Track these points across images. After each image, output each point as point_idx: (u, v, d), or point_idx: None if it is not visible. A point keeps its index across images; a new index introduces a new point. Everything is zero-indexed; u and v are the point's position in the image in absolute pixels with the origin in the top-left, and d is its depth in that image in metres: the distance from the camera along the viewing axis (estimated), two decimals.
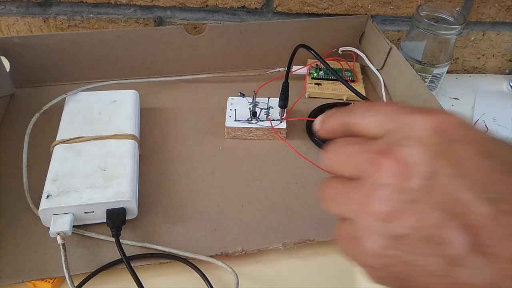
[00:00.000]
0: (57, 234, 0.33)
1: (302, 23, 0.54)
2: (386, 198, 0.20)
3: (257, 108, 0.45)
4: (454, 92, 0.59)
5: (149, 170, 0.41)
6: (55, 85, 0.50)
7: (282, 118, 0.46)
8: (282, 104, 0.45)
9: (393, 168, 0.20)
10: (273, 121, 0.45)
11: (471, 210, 0.18)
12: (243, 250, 0.36)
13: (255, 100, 0.45)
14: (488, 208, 0.18)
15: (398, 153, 0.20)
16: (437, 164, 0.19)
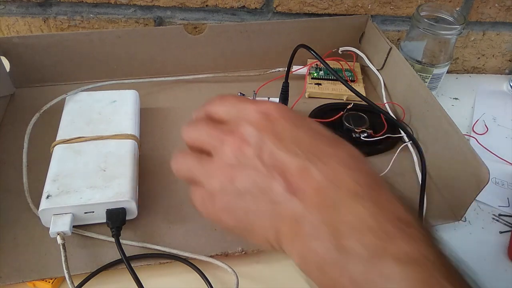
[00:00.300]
0: (57, 234, 0.33)
1: (302, 23, 0.54)
2: (229, 165, 0.27)
3: None
4: (454, 92, 0.59)
5: (149, 170, 0.41)
6: (55, 85, 0.50)
7: None
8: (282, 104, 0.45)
9: (234, 143, 0.27)
10: None
11: (286, 164, 0.26)
12: (243, 250, 0.36)
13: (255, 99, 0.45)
14: (297, 161, 0.26)
15: (237, 132, 0.28)
16: (263, 136, 0.27)
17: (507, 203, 0.44)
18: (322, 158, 0.26)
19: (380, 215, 0.23)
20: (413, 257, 0.22)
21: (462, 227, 0.41)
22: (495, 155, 0.48)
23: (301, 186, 0.25)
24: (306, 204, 0.25)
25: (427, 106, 0.44)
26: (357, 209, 0.24)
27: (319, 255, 0.24)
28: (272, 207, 0.26)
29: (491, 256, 0.39)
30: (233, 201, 0.27)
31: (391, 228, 0.23)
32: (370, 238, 0.23)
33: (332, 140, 0.28)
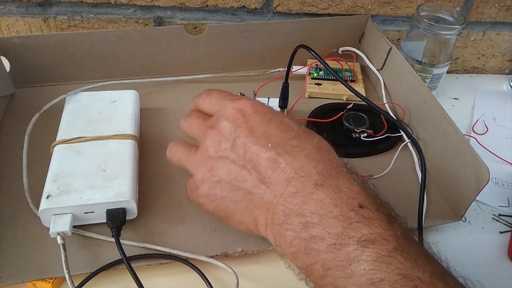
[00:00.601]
0: (57, 234, 0.33)
1: (302, 23, 0.54)
2: (209, 157, 0.31)
3: None
4: (454, 92, 0.59)
5: (149, 170, 0.41)
6: (55, 85, 0.50)
7: None
8: (282, 104, 0.45)
9: (214, 136, 0.31)
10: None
11: (257, 156, 0.29)
12: (243, 250, 0.36)
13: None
14: (267, 153, 0.28)
15: (216, 127, 0.31)
16: (237, 131, 0.30)
17: (507, 203, 0.44)
18: (290, 151, 0.29)
19: (341, 202, 0.26)
20: (371, 238, 0.24)
21: (462, 227, 0.41)
22: (495, 155, 0.48)
23: (272, 177, 0.28)
24: (276, 194, 0.28)
25: (427, 106, 0.44)
26: (320, 198, 0.26)
27: (293, 245, 0.27)
28: (247, 197, 0.29)
29: (491, 256, 0.39)
30: (212, 189, 0.31)
31: (352, 214, 0.26)
32: (334, 224, 0.25)
33: (301, 134, 0.30)
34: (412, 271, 0.23)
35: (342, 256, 0.24)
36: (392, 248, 0.24)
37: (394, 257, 0.24)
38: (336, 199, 0.26)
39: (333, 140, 0.46)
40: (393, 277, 0.23)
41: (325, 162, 0.28)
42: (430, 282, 0.23)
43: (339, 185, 0.27)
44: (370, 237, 0.25)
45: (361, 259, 0.24)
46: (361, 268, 0.24)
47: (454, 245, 0.40)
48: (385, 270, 0.23)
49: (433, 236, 0.40)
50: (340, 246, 0.25)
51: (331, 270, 0.25)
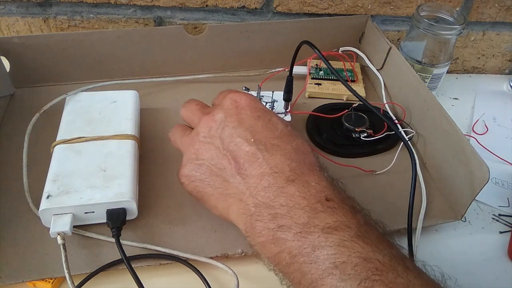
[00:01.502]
0: (57, 234, 0.33)
1: (302, 23, 0.54)
2: (198, 140, 0.33)
3: (262, 102, 0.45)
4: (454, 92, 0.59)
5: (149, 170, 0.41)
6: (55, 85, 0.50)
7: (287, 111, 0.46)
8: (286, 97, 0.45)
9: (207, 122, 0.33)
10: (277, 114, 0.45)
11: (239, 148, 0.31)
12: (243, 251, 0.36)
13: (260, 94, 0.45)
14: (248, 147, 0.30)
15: (211, 113, 0.33)
16: (227, 120, 0.32)
17: (507, 203, 0.44)
18: (270, 149, 0.31)
19: (309, 195, 0.28)
20: (334, 226, 0.26)
21: (462, 227, 0.41)
22: (495, 155, 0.48)
23: (248, 170, 0.30)
24: (250, 187, 0.30)
25: (427, 106, 0.44)
26: (290, 192, 0.28)
27: (262, 234, 0.28)
28: (223, 184, 0.31)
29: (491, 256, 0.39)
30: (193, 171, 0.33)
31: (318, 205, 0.27)
32: (301, 215, 0.27)
33: (284, 135, 0.32)
34: (373, 255, 0.25)
35: (307, 243, 0.26)
36: (354, 234, 0.26)
37: (356, 242, 0.26)
38: (305, 193, 0.28)
39: (333, 140, 0.46)
40: (354, 260, 0.25)
41: (299, 161, 0.30)
42: (390, 265, 0.25)
43: (309, 180, 0.29)
44: (334, 225, 0.26)
45: (324, 245, 0.26)
46: (324, 253, 0.25)
47: (454, 245, 0.40)
48: (347, 254, 0.25)
49: (433, 236, 0.40)
50: (306, 234, 0.26)
51: (297, 257, 0.26)
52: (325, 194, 0.28)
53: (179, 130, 0.37)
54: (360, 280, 0.24)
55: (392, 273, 0.25)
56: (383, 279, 0.24)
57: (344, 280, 0.24)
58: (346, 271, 0.25)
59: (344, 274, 0.24)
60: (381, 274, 0.24)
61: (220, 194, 0.32)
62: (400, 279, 0.24)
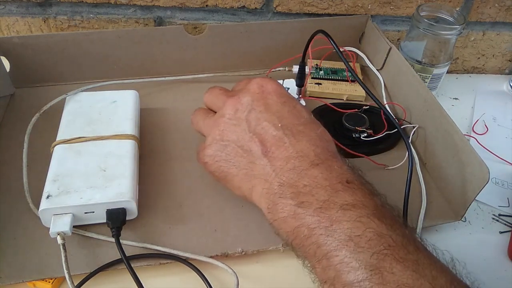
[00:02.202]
0: (57, 234, 0.33)
1: (302, 23, 0.54)
2: (223, 122, 0.34)
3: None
4: (454, 92, 0.59)
5: (149, 170, 0.41)
6: (55, 85, 0.50)
7: (300, 97, 0.47)
8: (299, 83, 0.47)
9: (232, 104, 0.34)
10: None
11: (266, 132, 0.32)
12: (243, 251, 0.36)
13: None
14: (275, 132, 0.32)
15: (237, 97, 0.34)
16: (254, 104, 0.33)
17: (507, 203, 0.44)
18: (296, 135, 0.32)
19: (331, 177, 0.30)
20: (353, 204, 0.28)
21: (462, 227, 0.41)
22: (495, 155, 0.48)
23: (275, 153, 0.31)
24: (276, 169, 0.31)
25: (427, 106, 0.44)
26: (314, 174, 0.30)
27: (284, 210, 0.30)
28: (249, 165, 0.32)
29: (491, 256, 0.39)
30: (219, 151, 0.34)
31: (339, 185, 0.29)
32: (322, 193, 0.29)
33: (308, 122, 0.34)
34: (387, 232, 0.26)
35: (326, 218, 0.28)
36: (370, 213, 0.27)
37: (372, 219, 0.27)
38: (327, 175, 0.30)
39: (333, 139, 0.46)
40: (369, 235, 0.26)
41: (323, 148, 0.32)
42: (401, 243, 0.26)
43: (331, 165, 0.31)
44: (352, 203, 0.28)
45: (342, 220, 0.27)
46: (341, 227, 0.27)
47: (454, 245, 0.40)
48: (362, 229, 0.26)
49: (433, 236, 0.40)
50: (325, 210, 0.28)
51: (315, 230, 0.28)
52: (346, 177, 0.30)
53: (201, 112, 0.38)
54: (372, 253, 0.25)
55: (403, 250, 0.26)
56: (394, 254, 0.25)
57: (357, 252, 0.26)
58: (360, 244, 0.26)
59: (358, 247, 0.26)
60: (393, 250, 0.25)
61: (245, 175, 0.33)
62: (410, 256, 0.26)
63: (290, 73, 0.52)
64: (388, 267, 0.25)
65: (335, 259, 0.26)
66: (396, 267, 0.25)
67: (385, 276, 0.25)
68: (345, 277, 0.25)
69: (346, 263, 0.26)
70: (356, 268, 0.25)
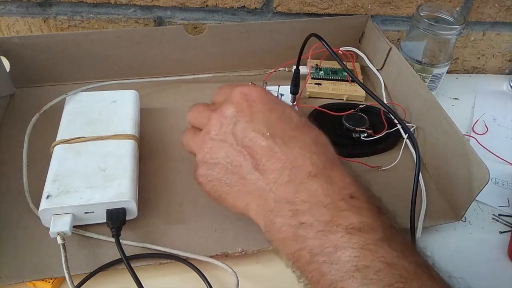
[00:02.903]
0: (57, 234, 0.33)
1: (302, 23, 0.54)
2: (210, 138, 0.31)
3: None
4: (454, 92, 0.59)
5: (149, 170, 0.41)
6: (55, 85, 0.50)
7: (294, 104, 0.46)
8: (293, 90, 0.46)
9: (216, 119, 0.31)
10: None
11: (255, 143, 0.29)
12: (243, 250, 0.36)
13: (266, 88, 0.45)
14: (265, 142, 0.29)
15: (220, 110, 0.31)
16: (239, 115, 0.30)
17: (507, 203, 0.44)
18: (287, 142, 0.29)
19: (332, 192, 0.27)
20: (358, 227, 0.25)
21: (462, 227, 0.41)
22: (495, 155, 0.48)
23: (266, 165, 0.29)
24: (269, 182, 0.28)
25: (427, 106, 0.44)
26: (312, 188, 0.27)
27: (281, 231, 0.27)
28: (241, 182, 0.30)
29: (491, 256, 0.39)
30: (210, 170, 0.31)
31: (342, 203, 0.26)
32: (323, 213, 0.26)
33: (300, 126, 0.31)
34: (398, 261, 0.24)
35: (329, 243, 0.25)
36: (379, 238, 0.25)
37: (381, 246, 0.24)
38: (328, 189, 0.27)
39: (333, 140, 0.46)
40: (378, 265, 0.24)
41: (320, 154, 0.29)
42: (415, 273, 0.24)
43: (332, 176, 0.28)
44: (358, 226, 0.25)
45: (347, 246, 0.24)
46: (346, 254, 0.24)
47: (454, 245, 0.40)
48: (370, 258, 0.24)
49: (433, 236, 0.40)
50: (328, 233, 0.25)
51: (318, 256, 0.25)
52: (349, 191, 0.27)
53: (189, 132, 0.36)
54: (382, 286, 0.23)
55: (417, 282, 0.23)
56: (407, 287, 0.23)
57: (365, 285, 0.23)
58: (369, 276, 0.23)
59: (366, 279, 0.23)
60: (405, 282, 0.23)
61: (238, 192, 0.30)
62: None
63: (290, 73, 0.52)
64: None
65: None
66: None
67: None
68: None
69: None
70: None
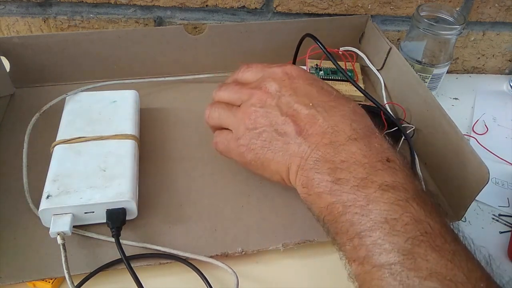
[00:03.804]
0: (57, 234, 0.33)
1: (302, 23, 0.54)
2: (254, 110, 0.34)
3: None
4: (454, 92, 0.59)
5: (149, 170, 0.41)
6: (55, 85, 0.50)
7: None
8: None
9: (260, 95, 0.34)
10: None
11: (299, 112, 0.32)
12: (243, 250, 0.36)
13: None
14: (307, 111, 0.32)
15: (264, 87, 0.35)
16: (282, 91, 0.34)
17: (507, 203, 0.44)
18: (328, 110, 0.32)
19: (370, 154, 0.29)
20: (392, 185, 0.27)
21: (462, 227, 0.41)
22: (495, 155, 0.48)
23: (309, 131, 0.31)
24: (311, 145, 0.31)
25: (427, 106, 0.44)
26: (351, 150, 0.29)
27: (319, 185, 0.29)
28: (285, 147, 0.32)
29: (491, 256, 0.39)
30: (254, 139, 0.34)
31: (378, 164, 0.28)
32: (360, 171, 0.28)
33: (339, 98, 0.34)
34: (424, 218, 0.26)
35: (362, 196, 0.27)
36: (410, 197, 0.26)
37: (410, 204, 0.26)
38: (366, 152, 0.29)
39: None
40: (406, 219, 0.25)
41: (359, 122, 0.32)
42: (439, 231, 0.25)
43: (371, 141, 0.30)
44: (392, 184, 0.27)
45: (379, 200, 0.26)
46: (377, 207, 0.26)
47: None
48: (399, 212, 0.26)
49: None
50: (362, 188, 0.27)
51: (350, 208, 0.27)
52: (387, 155, 0.29)
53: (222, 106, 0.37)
54: (407, 237, 0.25)
55: (440, 239, 0.25)
56: (430, 241, 0.25)
57: (392, 235, 0.25)
58: (396, 227, 0.25)
59: (393, 230, 0.25)
60: (429, 237, 0.25)
61: (281, 156, 0.33)
62: (447, 246, 0.25)
63: None
64: (423, 253, 0.24)
65: (367, 239, 0.26)
66: (431, 254, 0.24)
67: (418, 262, 0.24)
68: (376, 258, 0.25)
69: (379, 244, 0.25)
70: (389, 251, 0.25)
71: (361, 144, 0.30)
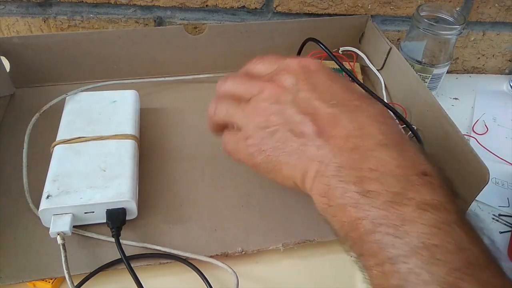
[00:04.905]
0: (57, 234, 0.33)
1: (302, 23, 0.54)
2: (266, 107, 0.29)
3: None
4: (454, 92, 0.59)
5: (149, 170, 0.41)
6: (55, 85, 0.50)
7: None
8: None
9: (274, 89, 0.30)
10: None
11: (319, 111, 0.28)
12: (243, 250, 0.36)
13: None
14: (329, 109, 0.28)
15: (277, 80, 0.30)
16: (300, 85, 0.29)
17: (507, 203, 0.44)
18: (353, 110, 0.28)
19: (404, 165, 0.25)
20: (432, 204, 0.23)
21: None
22: (495, 155, 0.48)
23: (331, 132, 0.27)
24: (333, 148, 0.26)
25: (427, 106, 0.44)
26: (382, 157, 0.25)
27: (343, 197, 0.25)
28: (301, 148, 0.28)
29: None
30: (265, 139, 0.29)
31: (414, 177, 0.24)
32: (393, 183, 0.24)
33: (364, 97, 0.29)
34: (468, 246, 0.22)
35: (397, 215, 0.23)
36: (452, 219, 0.23)
37: (453, 227, 0.23)
38: (399, 161, 0.25)
39: None
40: (448, 246, 0.22)
41: (388, 125, 0.27)
42: (485, 262, 0.22)
43: (404, 149, 0.26)
44: (431, 203, 0.23)
45: (417, 221, 0.23)
46: (415, 230, 0.22)
47: None
48: (441, 237, 0.22)
49: None
50: (396, 205, 0.23)
51: (381, 227, 0.23)
52: (424, 167, 0.25)
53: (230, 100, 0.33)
54: (449, 268, 0.21)
55: (486, 272, 0.22)
56: (475, 274, 0.21)
57: (431, 264, 0.22)
58: (436, 255, 0.22)
59: (433, 258, 0.22)
60: (474, 269, 0.22)
61: (297, 159, 0.28)
62: (495, 280, 0.22)
63: None
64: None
65: (402, 266, 0.22)
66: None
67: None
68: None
69: (416, 273, 0.22)
70: (428, 283, 0.21)
71: (393, 152, 0.25)
